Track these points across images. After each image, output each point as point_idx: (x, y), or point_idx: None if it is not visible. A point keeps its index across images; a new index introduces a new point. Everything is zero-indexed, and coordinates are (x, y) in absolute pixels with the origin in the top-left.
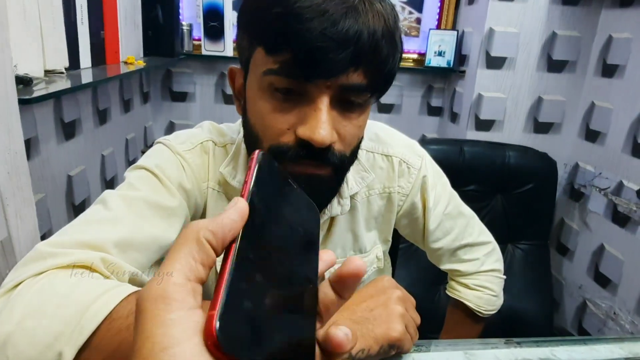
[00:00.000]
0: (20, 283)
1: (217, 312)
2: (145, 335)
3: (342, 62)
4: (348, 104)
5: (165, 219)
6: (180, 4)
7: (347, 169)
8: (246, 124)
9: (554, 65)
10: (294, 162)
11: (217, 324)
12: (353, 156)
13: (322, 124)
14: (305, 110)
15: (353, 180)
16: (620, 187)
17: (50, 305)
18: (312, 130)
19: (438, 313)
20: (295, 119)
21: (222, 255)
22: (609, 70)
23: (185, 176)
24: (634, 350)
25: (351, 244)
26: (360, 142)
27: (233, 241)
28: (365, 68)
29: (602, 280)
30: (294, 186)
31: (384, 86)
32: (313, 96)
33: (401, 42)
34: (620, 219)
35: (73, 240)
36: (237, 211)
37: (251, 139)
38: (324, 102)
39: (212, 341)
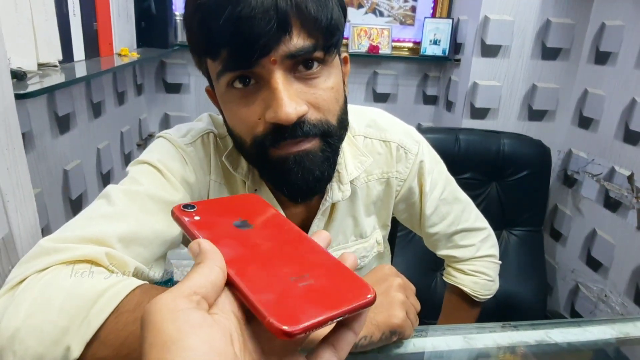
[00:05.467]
0: (24, 279)
1: (266, 315)
2: (156, 331)
3: (271, 33)
4: (307, 69)
5: (168, 214)
6: None
7: (338, 137)
8: (230, 132)
9: (548, 53)
10: (277, 147)
11: (273, 320)
12: (342, 123)
13: (283, 101)
14: (265, 94)
15: (352, 165)
16: (612, 173)
17: (56, 301)
18: (276, 111)
19: (435, 299)
20: (260, 107)
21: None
22: (601, 58)
23: (187, 170)
24: (624, 330)
25: (352, 229)
26: (344, 106)
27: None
28: (300, 29)
29: (594, 264)
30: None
31: (332, 39)
32: (266, 78)
33: None
34: (611, 204)
35: (76, 236)
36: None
37: (237, 144)
38: (278, 80)
39: (283, 332)
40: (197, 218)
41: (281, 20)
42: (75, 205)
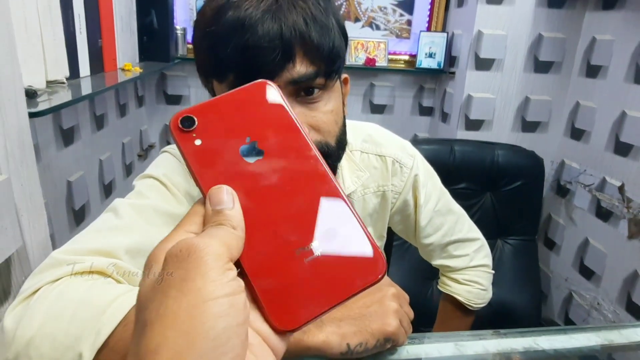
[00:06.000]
0: (38, 290)
1: (267, 313)
2: (187, 287)
3: (276, 61)
4: (308, 95)
5: (173, 226)
6: (174, 8)
7: (336, 157)
8: None
9: (541, 66)
10: None
11: (273, 319)
12: (341, 144)
13: None
14: None
15: (349, 179)
16: (603, 183)
17: (68, 310)
18: None
19: (430, 307)
20: None
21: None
22: (592, 71)
23: (191, 184)
24: (609, 337)
25: None
26: (343, 128)
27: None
28: (303, 57)
29: (587, 273)
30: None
31: (333, 65)
32: None
33: (336, 21)
34: (603, 214)
35: (86, 248)
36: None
37: None
38: None
39: (282, 332)
40: (197, 143)
41: (286, 49)
42: (79, 216)
